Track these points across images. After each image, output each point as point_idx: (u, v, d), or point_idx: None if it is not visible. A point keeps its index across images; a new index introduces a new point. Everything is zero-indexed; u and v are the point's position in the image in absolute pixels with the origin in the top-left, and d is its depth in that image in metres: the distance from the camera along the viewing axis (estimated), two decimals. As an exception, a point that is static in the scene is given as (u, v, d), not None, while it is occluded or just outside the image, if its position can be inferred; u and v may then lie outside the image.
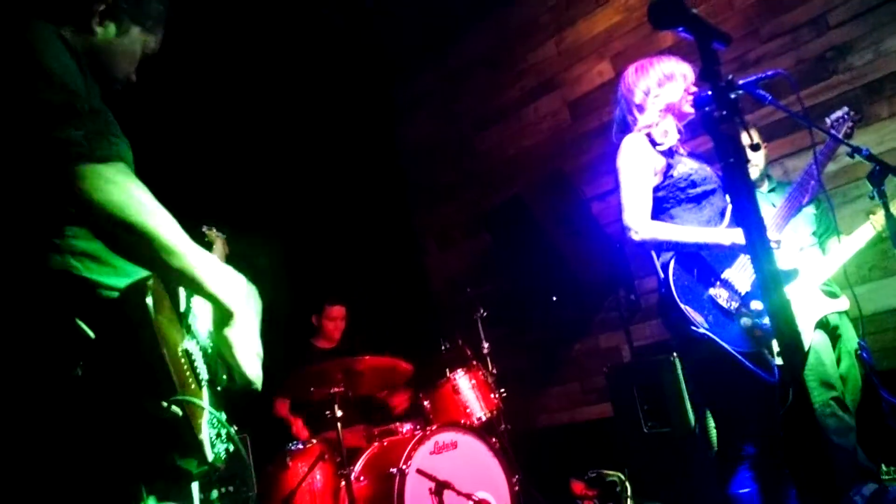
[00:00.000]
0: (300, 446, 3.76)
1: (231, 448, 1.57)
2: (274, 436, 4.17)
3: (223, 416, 1.60)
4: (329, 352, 4.62)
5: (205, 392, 1.55)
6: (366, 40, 5.66)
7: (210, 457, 1.44)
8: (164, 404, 1.34)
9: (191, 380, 1.47)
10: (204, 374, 1.57)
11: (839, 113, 2.94)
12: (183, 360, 1.46)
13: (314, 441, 3.82)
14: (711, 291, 2.55)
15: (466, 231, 5.89)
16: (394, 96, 6.52)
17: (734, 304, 2.53)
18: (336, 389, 3.52)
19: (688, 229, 2.61)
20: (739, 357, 2.38)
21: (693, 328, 2.44)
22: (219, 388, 1.67)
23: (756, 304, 2.52)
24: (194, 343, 1.60)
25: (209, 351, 1.66)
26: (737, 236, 2.52)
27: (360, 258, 5.45)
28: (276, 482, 3.67)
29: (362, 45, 5.68)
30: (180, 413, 1.36)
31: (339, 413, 3.48)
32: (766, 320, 2.50)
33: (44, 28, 1.47)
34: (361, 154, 5.90)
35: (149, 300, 1.35)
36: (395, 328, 5.14)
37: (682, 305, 2.47)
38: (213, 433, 1.50)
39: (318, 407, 4.06)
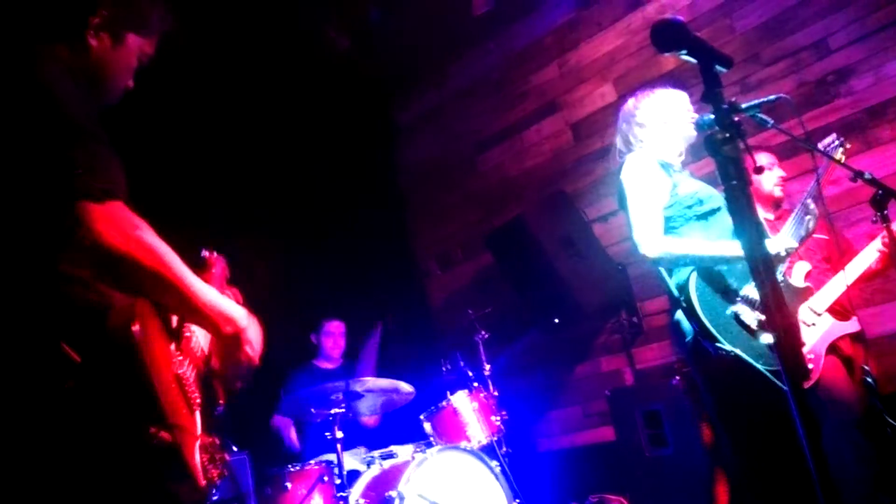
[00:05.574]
0: (299, 468, 3.72)
1: (225, 473, 1.55)
2: (273, 457, 4.13)
3: (217, 442, 1.58)
4: (332, 371, 4.60)
5: (198, 417, 1.54)
6: (368, 61, 5.69)
7: (202, 482, 1.43)
8: (153, 431, 1.32)
9: (182, 406, 1.46)
10: (198, 396, 1.56)
11: (829, 139, 2.96)
12: (174, 386, 1.45)
13: (313, 462, 3.78)
14: (733, 308, 2.52)
15: (468, 252, 5.88)
16: (396, 116, 6.55)
17: (757, 321, 2.50)
18: (337, 411, 3.50)
19: (701, 242, 2.59)
20: (768, 374, 2.35)
21: (718, 346, 2.41)
22: (215, 413, 1.67)
23: None
24: (188, 367, 1.58)
25: (203, 375, 1.66)
26: (772, 245, 2.51)
27: (361, 279, 5.44)
28: (275, 504, 3.63)
29: (364, 65, 5.71)
30: (169, 439, 1.34)
31: (339, 434, 3.45)
32: None
33: (48, 57, 1.46)
34: (362, 175, 5.91)
35: (135, 327, 1.34)
36: (396, 349, 5.11)
37: (707, 322, 2.43)
38: (205, 458, 1.48)
39: (317, 428, 4.04)
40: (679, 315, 2.59)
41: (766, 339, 2.45)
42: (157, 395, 1.34)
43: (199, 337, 1.71)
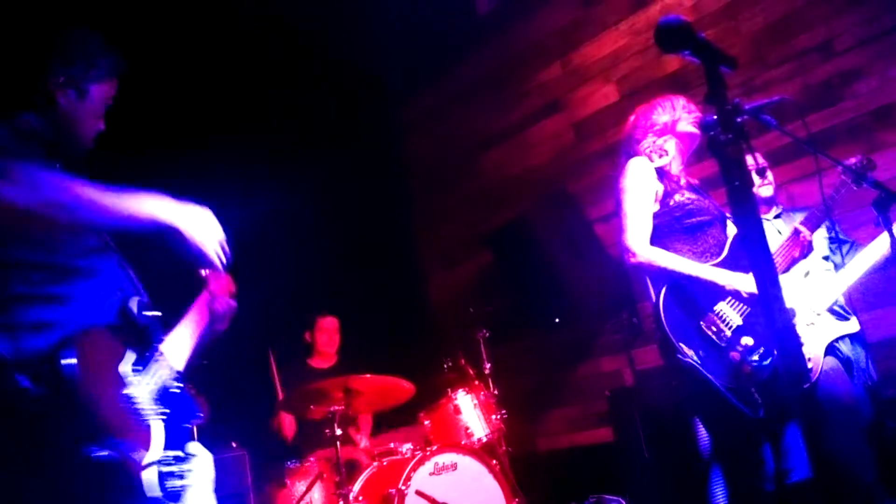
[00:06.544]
0: (298, 464, 3.73)
1: (190, 485, 1.66)
2: (273, 454, 4.14)
3: (180, 453, 1.67)
4: (326, 371, 4.58)
5: (158, 431, 1.62)
6: (370, 60, 5.68)
7: (159, 495, 1.53)
8: (95, 449, 1.44)
9: (130, 423, 1.55)
10: (155, 412, 1.65)
11: (855, 159, 2.90)
12: (121, 406, 1.55)
13: (312, 459, 3.79)
14: (702, 323, 2.56)
15: (469, 251, 5.87)
16: (399, 115, 6.54)
17: (724, 338, 2.53)
18: (336, 408, 3.50)
19: (686, 262, 2.63)
20: (723, 391, 2.39)
21: (680, 357, 2.45)
22: (190, 423, 1.79)
23: (746, 340, 2.52)
24: (149, 381, 1.67)
25: (171, 389, 1.74)
26: (735, 280, 2.53)
27: (361, 277, 5.44)
28: (274, 501, 3.64)
29: (367, 65, 5.70)
30: (113, 456, 1.46)
31: (338, 431, 3.45)
32: (755, 357, 2.50)
33: None
34: (364, 174, 5.90)
35: (68, 361, 1.47)
36: (397, 347, 5.11)
37: (670, 334, 2.49)
38: (167, 470, 1.58)
39: (317, 425, 4.04)
40: (655, 320, 2.66)
41: (733, 356, 2.49)
42: (95, 417, 1.47)
43: (173, 354, 1.86)
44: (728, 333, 2.54)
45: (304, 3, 4.79)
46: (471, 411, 3.91)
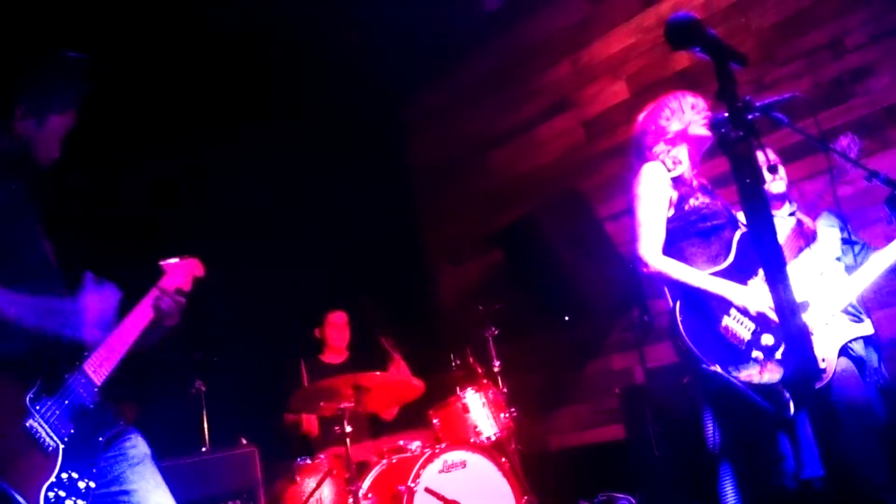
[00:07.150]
0: (308, 461, 3.74)
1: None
2: (283, 451, 4.15)
3: (75, 475, 1.70)
4: (338, 366, 4.60)
5: (60, 455, 1.68)
6: (377, 59, 5.67)
7: None
8: None
9: (21, 453, 1.61)
10: (56, 437, 1.70)
11: (845, 140, 2.92)
12: (19, 437, 1.61)
13: (322, 456, 3.80)
14: (721, 327, 2.55)
15: (478, 249, 5.87)
16: (407, 113, 6.54)
17: (745, 340, 2.52)
18: (346, 405, 3.51)
19: (697, 274, 2.63)
20: (750, 393, 2.38)
21: (704, 366, 2.44)
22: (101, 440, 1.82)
23: (767, 339, 2.50)
24: (58, 406, 1.73)
25: (86, 407, 1.79)
26: (743, 298, 2.52)
27: (370, 275, 5.44)
28: (284, 497, 3.65)
29: (373, 63, 5.69)
30: None
31: (348, 429, 3.46)
32: (778, 355, 2.49)
33: None
34: (371, 172, 5.90)
35: None
36: (405, 345, 5.12)
37: (690, 343, 2.48)
38: (61, 493, 1.63)
39: (326, 422, 4.05)
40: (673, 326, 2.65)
41: (756, 356, 2.48)
42: None
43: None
44: (748, 336, 2.53)
45: (308, 2, 4.80)
46: (480, 409, 3.91)
